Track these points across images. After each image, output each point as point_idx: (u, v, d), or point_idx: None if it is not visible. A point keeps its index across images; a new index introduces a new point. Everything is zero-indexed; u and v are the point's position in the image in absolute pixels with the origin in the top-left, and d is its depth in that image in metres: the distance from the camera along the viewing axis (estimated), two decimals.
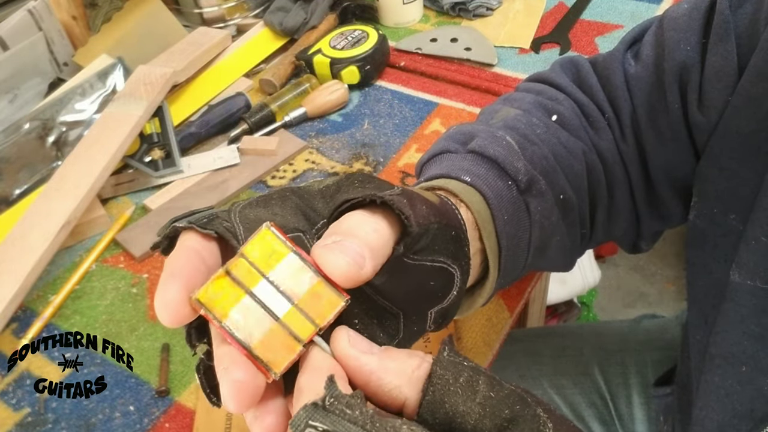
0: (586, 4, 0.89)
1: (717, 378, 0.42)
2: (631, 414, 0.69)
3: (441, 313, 0.35)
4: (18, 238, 0.60)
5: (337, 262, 0.26)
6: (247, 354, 0.25)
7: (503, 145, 0.41)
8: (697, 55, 0.42)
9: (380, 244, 0.28)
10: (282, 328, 0.25)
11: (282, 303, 0.25)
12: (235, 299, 0.25)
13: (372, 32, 0.82)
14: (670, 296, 1.60)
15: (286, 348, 0.25)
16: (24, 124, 0.72)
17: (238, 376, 0.24)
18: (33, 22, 0.79)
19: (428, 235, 0.31)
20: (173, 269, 0.26)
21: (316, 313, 0.26)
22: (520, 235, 0.40)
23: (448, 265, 0.33)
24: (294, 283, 0.26)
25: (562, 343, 0.77)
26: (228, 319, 0.25)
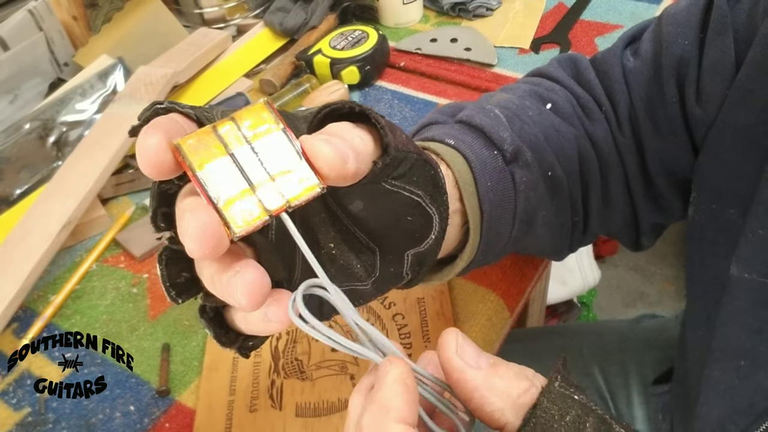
0: (586, 4, 0.89)
1: (717, 373, 0.42)
2: (631, 414, 0.69)
3: (417, 259, 0.35)
4: (19, 239, 0.60)
5: (324, 149, 0.25)
6: (213, 207, 0.24)
7: (491, 116, 0.41)
8: (694, 49, 0.42)
9: (364, 149, 0.28)
10: (253, 195, 0.25)
11: (260, 172, 0.25)
12: (214, 155, 0.25)
13: (372, 32, 0.82)
14: (670, 296, 1.60)
15: (251, 214, 0.25)
16: (24, 125, 0.72)
17: (204, 218, 0.24)
18: (33, 22, 0.79)
19: (407, 163, 0.31)
20: (155, 122, 0.25)
21: (290, 192, 0.25)
22: (504, 204, 0.40)
23: (426, 203, 0.33)
24: (277, 158, 0.25)
25: (562, 343, 0.77)
26: (202, 171, 0.24)
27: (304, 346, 0.52)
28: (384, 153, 0.30)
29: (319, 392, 0.49)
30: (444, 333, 0.28)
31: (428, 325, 0.53)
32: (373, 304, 0.55)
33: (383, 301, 0.55)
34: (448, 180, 0.38)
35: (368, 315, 0.54)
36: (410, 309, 0.54)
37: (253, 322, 0.28)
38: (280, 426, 0.47)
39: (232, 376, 0.51)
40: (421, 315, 0.54)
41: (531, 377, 0.28)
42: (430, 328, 0.53)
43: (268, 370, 0.51)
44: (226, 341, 0.30)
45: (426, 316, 0.54)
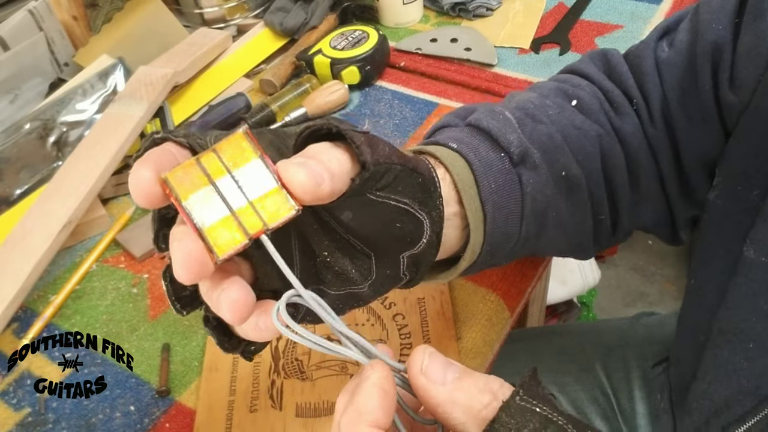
0: (586, 4, 0.89)
1: (726, 353, 0.42)
2: (633, 408, 0.69)
3: (413, 260, 0.36)
4: (19, 239, 0.60)
5: (298, 174, 0.27)
6: (198, 234, 0.27)
7: (499, 119, 0.42)
8: (728, 34, 0.42)
9: (340, 170, 0.29)
10: (234, 220, 0.27)
11: (239, 198, 0.27)
12: (198, 185, 0.27)
13: (372, 32, 0.82)
14: (670, 296, 1.60)
15: (232, 238, 0.27)
16: (25, 125, 0.72)
17: (189, 246, 0.26)
18: (33, 22, 0.79)
19: (390, 174, 0.32)
20: (147, 156, 0.27)
21: (268, 215, 0.27)
22: (511, 206, 0.41)
23: (415, 210, 0.34)
24: (255, 184, 0.27)
25: (563, 342, 0.77)
26: (187, 201, 0.27)
27: (304, 347, 0.52)
28: (363, 169, 0.31)
29: (319, 392, 0.49)
30: (413, 351, 0.29)
31: (428, 325, 0.53)
32: (373, 304, 0.55)
33: (383, 301, 0.55)
34: (445, 183, 0.39)
35: (368, 315, 0.54)
36: (410, 309, 0.54)
37: (248, 331, 0.30)
38: (280, 426, 0.47)
39: (232, 376, 0.51)
40: (421, 315, 0.54)
41: (496, 390, 0.29)
42: (431, 328, 0.53)
43: (269, 371, 0.51)
44: (230, 347, 0.32)
45: (426, 316, 0.54)
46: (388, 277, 0.36)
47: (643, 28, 0.83)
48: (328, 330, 0.30)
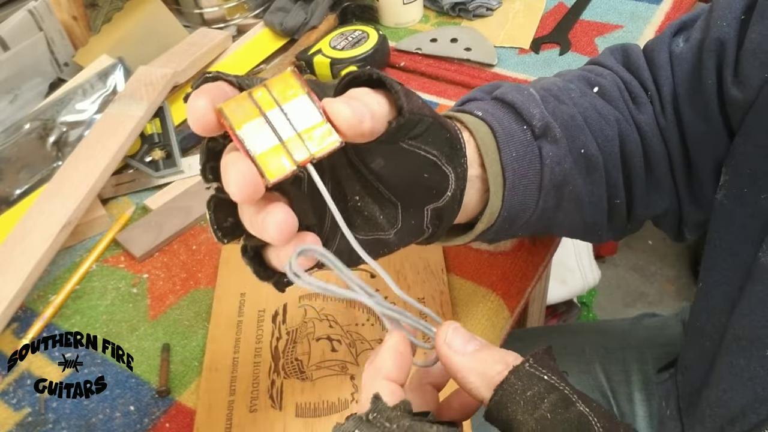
0: (586, 4, 0.89)
1: (742, 361, 0.42)
2: (633, 411, 0.69)
3: (436, 214, 0.39)
4: (19, 239, 0.60)
5: (343, 110, 0.30)
6: (251, 159, 0.29)
7: (524, 94, 0.44)
8: (732, 30, 0.43)
9: (380, 111, 0.32)
10: (283, 148, 0.30)
11: (288, 129, 0.30)
12: (250, 116, 0.29)
13: (372, 32, 0.82)
14: (670, 296, 1.60)
15: (281, 164, 0.29)
16: (24, 125, 0.72)
17: (244, 168, 0.29)
18: (33, 22, 0.79)
19: (422, 125, 0.35)
20: (203, 88, 0.30)
21: (314, 145, 0.30)
22: (530, 176, 0.42)
23: (442, 163, 0.37)
24: (302, 117, 0.30)
25: (563, 342, 0.77)
26: (241, 130, 0.29)
27: (304, 347, 0.53)
28: (399, 115, 0.33)
29: (319, 392, 0.49)
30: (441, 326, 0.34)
31: None
32: None
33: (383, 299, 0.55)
34: (469, 146, 0.41)
35: (368, 315, 0.54)
36: (410, 309, 0.54)
37: (284, 260, 0.33)
38: (280, 426, 0.47)
39: (232, 376, 0.51)
40: (421, 314, 0.54)
41: (510, 361, 0.32)
42: None
43: (268, 371, 0.51)
44: (264, 276, 0.35)
45: (426, 316, 0.54)
46: (412, 228, 0.38)
47: (643, 28, 0.83)
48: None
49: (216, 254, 0.62)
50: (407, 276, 0.57)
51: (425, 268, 0.57)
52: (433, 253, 0.59)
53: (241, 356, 0.52)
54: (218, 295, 0.57)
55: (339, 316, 0.54)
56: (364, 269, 0.57)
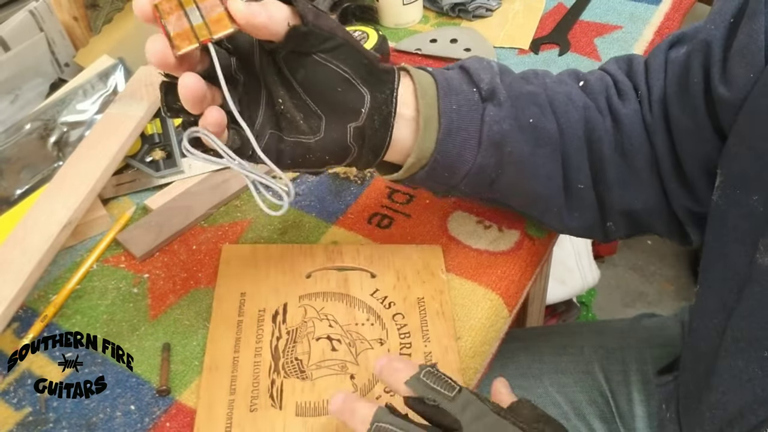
0: (585, 4, 0.89)
1: (740, 362, 0.42)
2: (632, 411, 0.69)
3: (358, 132, 0.46)
4: (19, 239, 0.60)
5: (238, 5, 0.39)
6: (167, 37, 0.40)
7: (482, 64, 0.50)
8: (719, 33, 0.45)
9: (277, 14, 0.40)
10: (191, 30, 0.40)
11: (198, 18, 0.40)
12: (174, 10, 0.40)
13: (372, 33, 0.82)
14: (669, 296, 1.60)
15: (189, 41, 0.40)
16: (25, 125, 0.72)
17: (159, 44, 0.39)
18: (34, 22, 0.79)
19: (333, 41, 0.43)
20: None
21: (215, 30, 0.40)
22: (470, 130, 0.48)
23: (356, 82, 0.44)
24: (210, 11, 0.40)
25: (563, 342, 0.77)
26: (166, 20, 0.40)
27: (304, 346, 0.53)
28: (302, 24, 0.41)
29: (319, 392, 0.49)
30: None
31: (428, 325, 0.53)
32: (372, 304, 0.55)
33: (383, 301, 0.55)
34: (407, 88, 0.48)
35: (368, 315, 0.54)
36: (410, 309, 0.55)
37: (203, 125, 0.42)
38: (280, 426, 0.48)
39: (232, 375, 0.51)
40: (420, 315, 0.54)
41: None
42: (430, 327, 0.53)
43: (268, 370, 0.51)
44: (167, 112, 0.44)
45: (426, 316, 0.54)
46: (336, 141, 0.45)
47: (643, 29, 0.83)
48: None
49: (216, 254, 0.62)
50: (407, 276, 0.57)
51: (425, 268, 0.58)
52: (432, 254, 0.59)
53: (241, 356, 0.52)
54: (218, 294, 0.57)
55: (339, 315, 0.55)
56: (365, 269, 0.58)
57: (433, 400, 0.39)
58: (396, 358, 0.44)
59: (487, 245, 0.60)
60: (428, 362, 0.50)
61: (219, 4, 0.40)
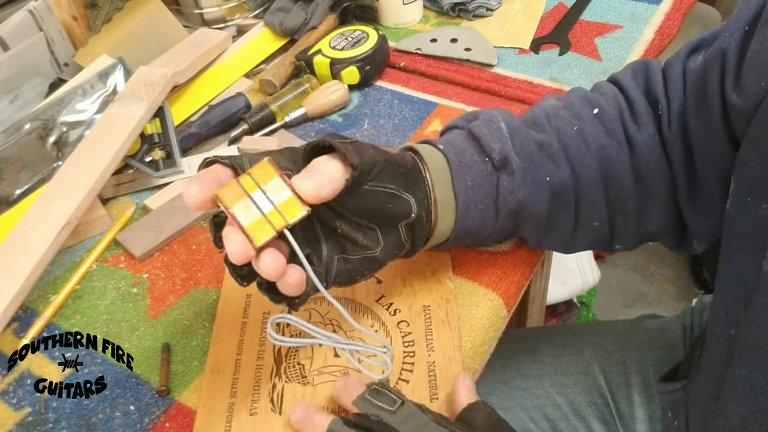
0: (586, 4, 0.89)
1: (744, 371, 0.42)
2: (632, 413, 0.69)
3: (409, 228, 0.47)
4: (19, 239, 0.60)
5: (305, 184, 0.39)
6: (242, 231, 0.38)
7: (491, 128, 0.51)
8: (734, 40, 0.44)
9: (336, 174, 0.41)
10: (264, 219, 0.39)
11: (267, 205, 0.39)
12: (239, 197, 0.39)
13: (372, 33, 0.82)
14: (670, 296, 1.60)
15: (264, 231, 0.39)
16: (25, 125, 0.72)
17: (237, 239, 0.38)
18: (33, 22, 0.79)
19: (377, 168, 0.44)
20: (198, 175, 0.40)
21: (288, 215, 0.39)
22: (487, 202, 0.50)
23: (400, 192, 0.46)
24: (277, 194, 0.39)
25: (563, 343, 0.77)
26: (233, 209, 0.39)
27: (306, 351, 0.52)
28: (353, 169, 0.42)
29: (320, 398, 0.49)
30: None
31: (432, 333, 0.52)
32: (378, 311, 0.55)
33: (388, 307, 0.55)
34: (428, 173, 0.49)
35: (373, 321, 0.54)
36: (415, 317, 0.54)
37: (284, 288, 0.41)
38: (279, 431, 0.47)
39: (233, 378, 0.51)
40: (426, 323, 0.53)
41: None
42: (434, 336, 0.52)
43: (270, 374, 0.51)
44: (278, 300, 0.43)
45: (431, 324, 0.53)
46: (393, 243, 0.47)
47: (643, 29, 0.83)
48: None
49: (216, 254, 0.62)
50: (414, 283, 0.56)
51: (432, 276, 0.57)
52: (440, 262, 0.58)
53: (243, 358, 0.52)
54: (224, 295, 0.57)
55: (343, 321, 0.54)
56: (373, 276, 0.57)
57: (376, 416, 0.43)
58: (351, 380, 0.47)
59: (488, 245, 0.59)
60: (430, 370, 0.50)
61: (284, 186, 0.39)
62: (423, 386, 0.49)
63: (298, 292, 0.42)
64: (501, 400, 0.72)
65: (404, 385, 0.49)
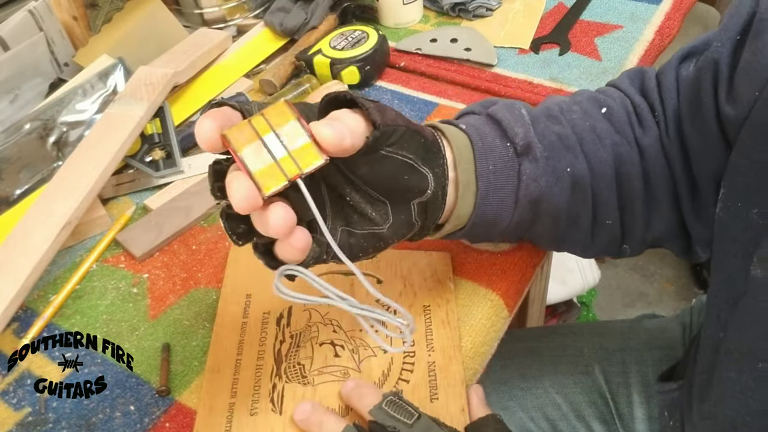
0: (586, 4, 0.89)
1: (733, 374, 0.42)
2: (632, 413, 0.69)
3: (422, 208, 0.44)
4: (19, 239, 0.60)
5: (326, 131, 0.35)
6: (250, 176, 0.34)
7: (514, 114, 0.48)
8: (726, 50, 0.44)
9: (357, 128, 0.38)
10: (276, 166, 0.35)
11: (281, 150, 0.35)
12: (250, 140, 0.35)
13: (372, 33, 0.82)
14: (670, 296, 1.60)
15: (275, 179, 0.35)
16: (25, 125, 0.72)
17: (244, 184, 0.34)
18: (33, 22, 0.79)
19: (397, 134, 0.40)
20: (209, 112, 0.36)
21: (303, 163, 0.35)
22: (507, 189, 0.47)
23: (418, 165, 0.42)
24: (293, 139, 0.35)
25: (563, 343, 0.77)
26: (242, 152, 0.35)
27: (307, 351, 0.52)
28: (374, 129, 0.39)
29: (320, 398, 0.49)
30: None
31: (433, 334, 0.52)
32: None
33: (389, 307, 0.55)
34: (448, 151, 0.46)
35: (373, 321, 0.54)
36: (415, 317, 0.54)
37: (286, 252, 0.38)
38: (279, 431, 0.47)
39: (234, 378, 0.51)
40: (426, 323, 0.53)
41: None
42: (435, 336, 0.52)
43: (270, 374, 0.51)
44: (274, 266, 0.40)
45: (431, 324, 0.53)
46: (403, 222, 0.43)
47: (643, 29, 0.83)
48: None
49: (216, 254, 0.62)
50: (414, 282, 0.56)
51: (432, 276, 0.57)
52: (440, 261, 0.58)
53: (243, 358, 0.52)
54: (224, 295, 0.57)
55: (343, 321, 0.54)
56: (372, 275, 0.57)
57: (393, 427, 0.43)
58: (363, 383, 0.47)
59: (488, 245, 0.59)
60: (430, 370, 0.50)
61: (301, 131, 0.35)
62: (423, 386, 0.49)
63: (299, 258, 0.38)
64: (501, 400, 0.72)
65: (404, 385, 0.49)
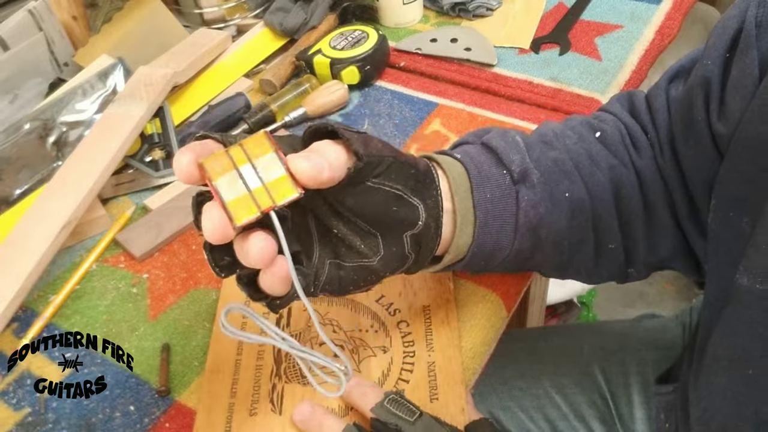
0: (586, 4, 0.89)
1: (722, 379, 0.42)
2: (632, 413, 0.69)
3: (415, 240, 0.43)
4: (19, 239, 0.60)
5: (302, 164, 0.34)
6: (222, 206, 0.34)
7: (508, 141, 0.48)
8: (716, 68, 0.44)
9: (337, 160, 0.37)
10: (250, 197, 0.34)
11: (256, 181, 0.34)
12: (225, 170, 0.34)
13: (372, 32, 0.82)
14: (670, 296, 1.60)
15: (248, 210, 0.34)
16: (24, 125, 0.72)
17: (215, 215, 0.34)
18: (33, 22, 0.79)
19: (383, 165, 0.39)
20: (188, 146, 0.35)
21: (277, 195, 0.34)
22: (505, 217, 0.46)
23: (408, 196, 0.41)
24: (269, 171, 0.35)
25: (563, 343, 0.77)
26: (216, 181, 0.34)
27: None
28: (357, 159, 0.38)
29: (320, 399, 0.49)
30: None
31: (432, 333, 0.52)
32: (378, 311, 0.55)
33: (388, 307, 0.55)
34: (443, 182, 0.45)
35: (372, 321, 0.54)
36: (415, 317, 0.54)
37: (267, 283, 0.37)
38: (279, 431, 0.47)
39: (233, 378, 0.51)
40: (425, 323, 0.53)
41: None
42: (434, 336, 0.52)
43: (270, 374, 0.51)
44: (257, 298, 0.39)
45: (431, 325, 0.53)
46: (395, 254, 0.42)
47: (643, 29, 0.83)
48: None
49: None
50: (413, 283, 0.56)
51: (432, 276, 0.57)
52: None
53: (243, 359, 0.52)
54: (224, 295, 0.57)
55: (343, 321, 0.54)
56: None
57: (395, 425, 0.43)
58: (364, 382, 0.47)
59: None
60: (430, 370, 0.50)
61: (278, 163, 0.35)
62: (423, 386, 0.49)
63: (282, 289, 0.38)
64: (501, 400, 0.72)
65: (404, 385, 0.49)
